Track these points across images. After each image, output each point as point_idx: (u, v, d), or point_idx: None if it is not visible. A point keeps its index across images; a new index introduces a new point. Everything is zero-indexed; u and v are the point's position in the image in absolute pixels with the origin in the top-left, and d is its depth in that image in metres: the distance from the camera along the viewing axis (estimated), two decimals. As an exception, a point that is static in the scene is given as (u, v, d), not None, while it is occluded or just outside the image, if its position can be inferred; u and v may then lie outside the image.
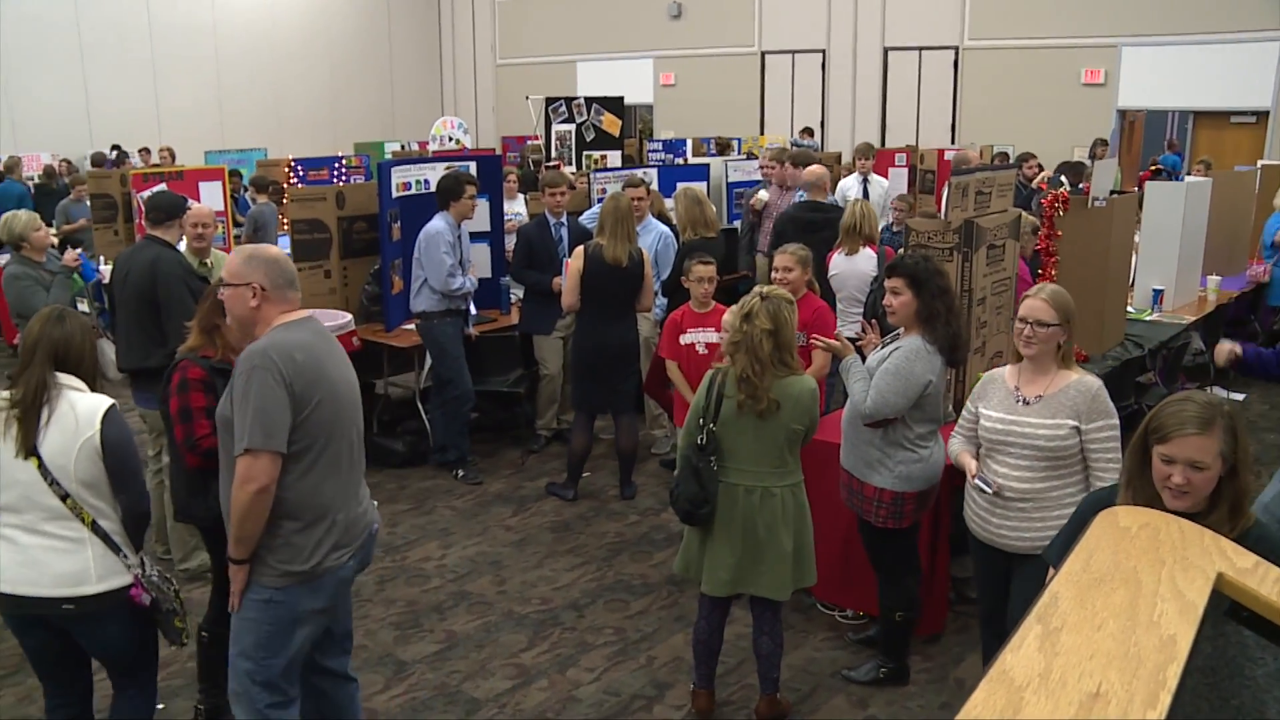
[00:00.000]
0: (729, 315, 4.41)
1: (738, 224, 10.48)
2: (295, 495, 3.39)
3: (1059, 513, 3.78)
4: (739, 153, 17.32)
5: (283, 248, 5.04)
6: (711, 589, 4.34)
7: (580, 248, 6.85)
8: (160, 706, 4.71)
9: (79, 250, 7.05)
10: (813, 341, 4.91)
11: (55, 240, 8.67)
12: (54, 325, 3.68)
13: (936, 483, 4.60)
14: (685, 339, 6.07)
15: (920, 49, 20.44)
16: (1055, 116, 18.22)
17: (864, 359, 4.64)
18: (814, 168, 8.68)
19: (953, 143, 19.13)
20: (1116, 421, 3.84)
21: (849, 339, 4.87)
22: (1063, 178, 10.50)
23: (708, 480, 4.20)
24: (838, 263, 7.25)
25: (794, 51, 21.99)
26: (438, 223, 7.23)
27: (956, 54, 20.03)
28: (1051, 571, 2.49)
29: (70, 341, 3.67)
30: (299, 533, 3.42)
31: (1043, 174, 11.77)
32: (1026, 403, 3.91)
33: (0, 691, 4.86)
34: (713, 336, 5.95)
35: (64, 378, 3.63)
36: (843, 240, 7.26)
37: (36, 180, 16.78)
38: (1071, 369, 3.95)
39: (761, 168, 10.40)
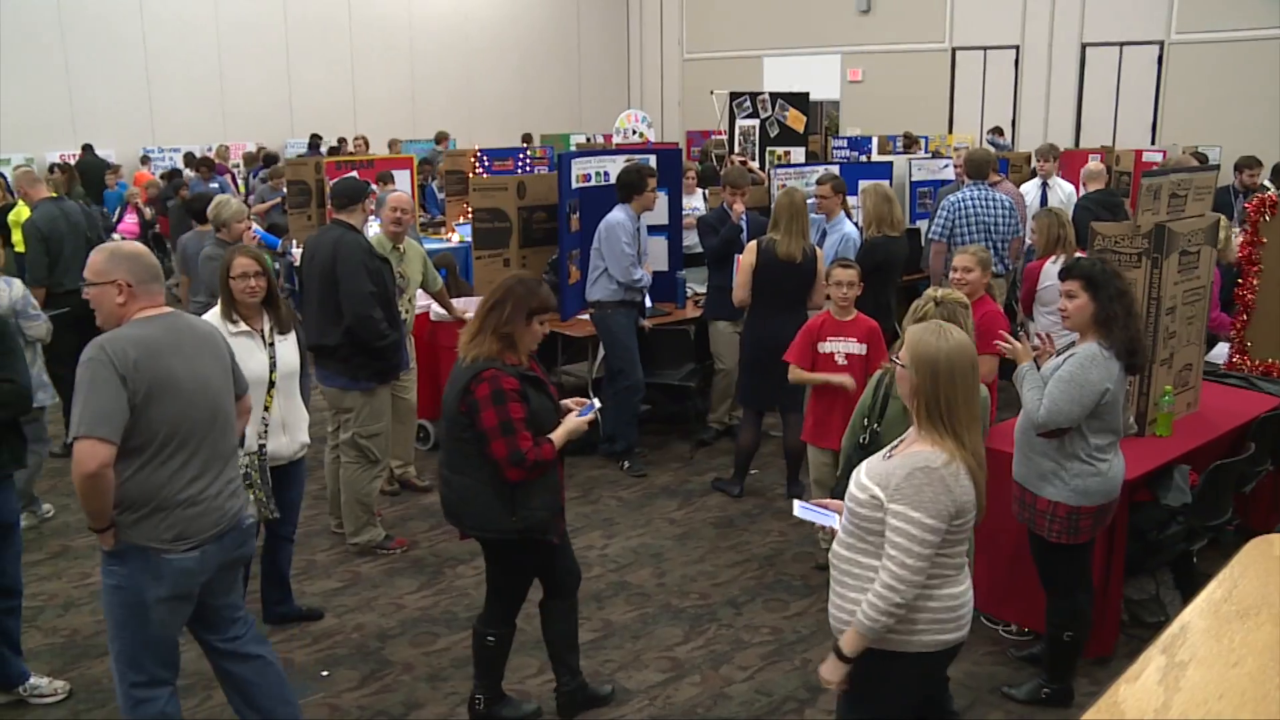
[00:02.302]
0: (905, 319, 4.27)
1: (921, 223, 10.27)
2: (135, 486, 3.52)
3: (856, 595, 3.21)
4: (925, 151, 16.92)
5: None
6: None
7: (753, 243, 6.81)
8: (325, 674, 4.94)
9: (294, 245, 7.35)
10: (995, 342, 4.77)
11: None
12: None
13: (1114, 498, 4.41)
14: (824, 347, 5.86)
15: (1121, 44, 19.58)
16: (1269, 115, 17.16)
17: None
18: (1091, 164, 9.82)
19: (1153, 143, 18.28)
20: (920, 519, 3.06)
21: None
22: (1267, 181, 9.90)
23: None
24: (1049, 272, 6.85)
25: (986, 48, 21.38)
26: (618, 214, 7.31)
27: (1161, 49, 19.12)
28: None
29: None
30: (138, 522, 3.54)
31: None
32: (888, 456, 3.32)
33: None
34: (854, 347, 5.77)
35: None
36: (1050, 249, 6.90)
37: (241, 167, 17.73)
38: (930, 437, 3.19)
39: (956, 167, 10.11)
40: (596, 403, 4.36)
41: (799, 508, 3.62)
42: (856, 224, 8.08)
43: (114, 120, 19.29)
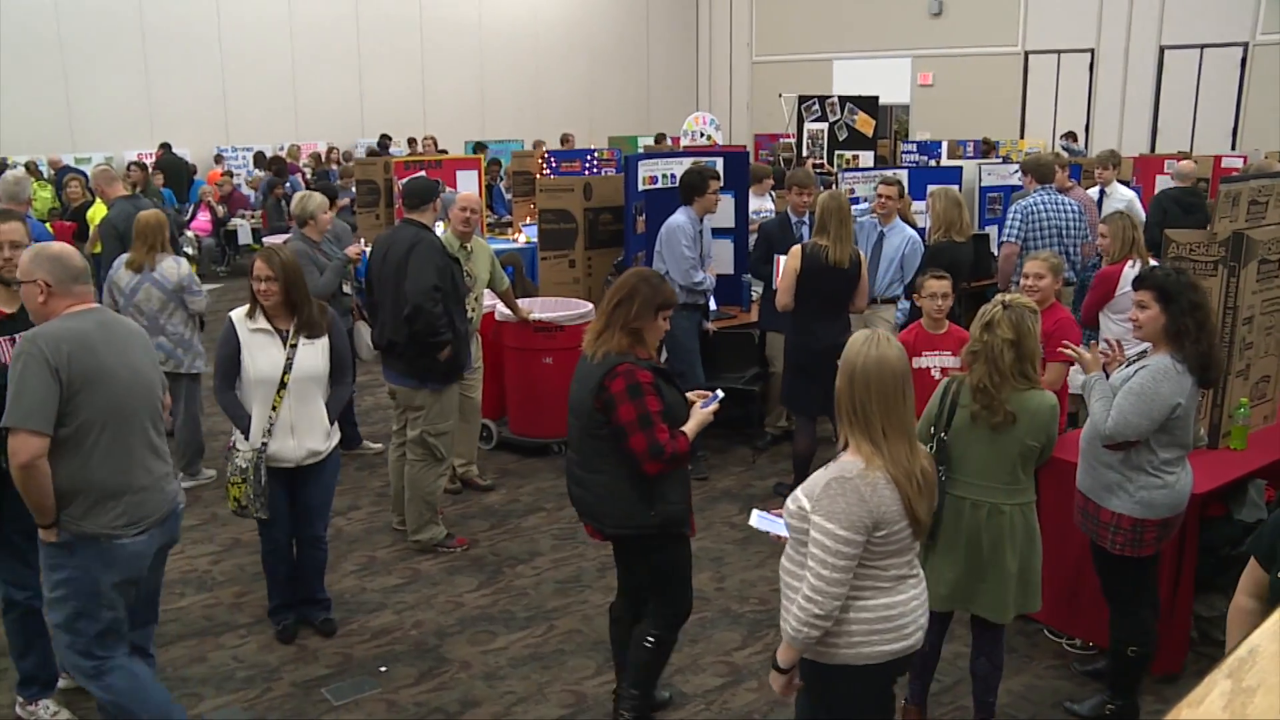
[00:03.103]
0: (973, 324, 4.19)
1: (990, 229, 10.12)
2: (78, 476, 3.65)
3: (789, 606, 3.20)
4: (996, 155, 16.72)
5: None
6: (930, 604, 4.19)
7: (797, 246, 6.70)
8: (384, 669, 4.98)
9: (362, 243, 7.49)
10: (1061, 349, 4.68)
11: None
12: None
13: (1181, 511, 4.30)
14: (920, 363, 5.70)
15: (1201, 46, 19.19)
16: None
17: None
18: (1184, 163, 10.67)
19: (1233, 148, 17.88)
20: (834, 531, 3.04)
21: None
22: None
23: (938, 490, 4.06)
24: (1128, 277, 6.69)
25: (1060, 51, 21.08)
26: (679, 217, 7.29)
27: (1245, 51, 18.70)
28: None
29: None
30: (89, 512, 3.68)
31: None
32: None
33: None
34: (949, 360, 5.62)
35: None
36: (1125, 252, 6.70)
37: (308, 167, 17.99)
38: (852, 445, 3.19)
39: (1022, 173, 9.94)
40: (720, 393, 4.35)
41: (756, 517, 3.62)
42: (921, 229, 7.98)
43: (190, 120, 19.68)
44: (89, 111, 18.61)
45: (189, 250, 15.67)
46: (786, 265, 6.68)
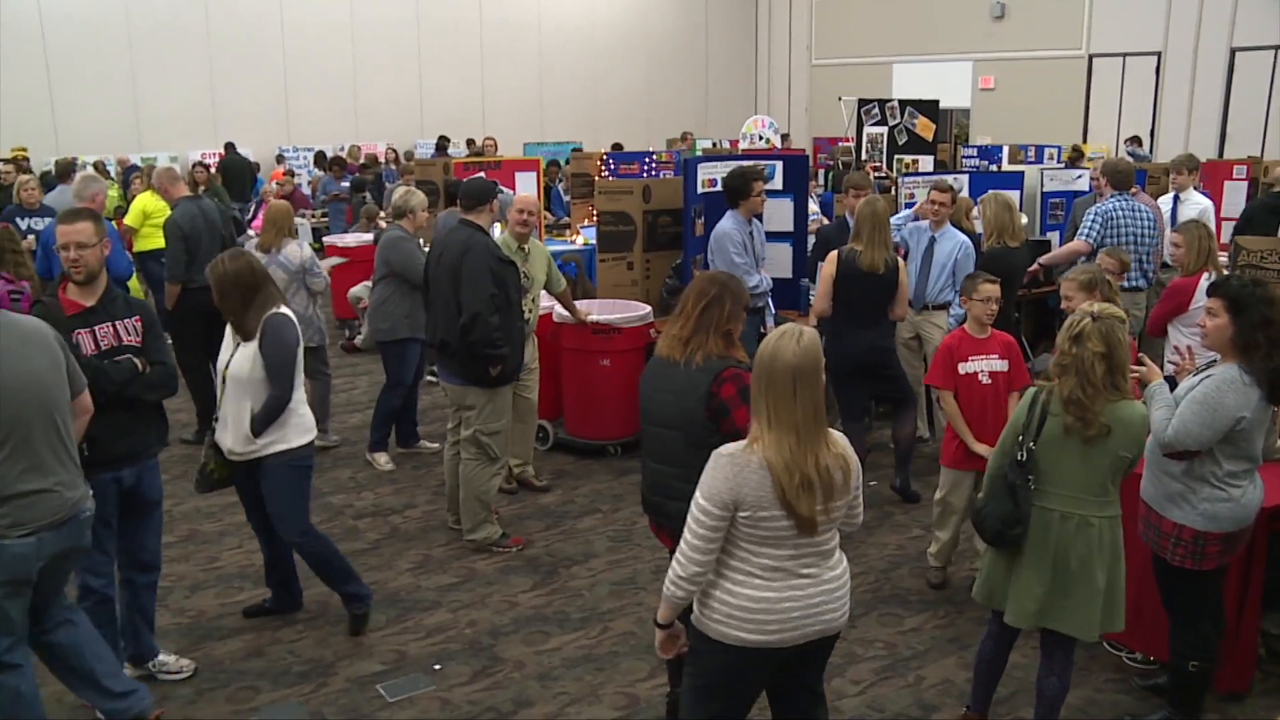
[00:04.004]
0: (1060, 336, 4.11)
1: (1051, 235, 10.00)
2: None
3: None
4: (1059, 161, 16.50)
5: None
6: (1016, 620, 4.11)
7: (834, 252, 6.69)
8: (438, 667, 5.01)
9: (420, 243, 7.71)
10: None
11: (384, 220, 9.39)
12: None
13: (1248, 525, 4.20)
14: (966, 368, 5.62)
15: (1276, 48, 18.78)
16: None
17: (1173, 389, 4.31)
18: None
19: (1305, 153, 17.50)
20: (698, 499, 3.25)
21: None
22: None
23: (1024, 500, 3.98)
24: (1204, 290, 6.53)
25: (1125, 54, 20.76)
26: (726, 223, 7.27)
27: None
28: None
29: None
30: None
31: None
32: None
33: (307, 636, 5.26)
34: (997, 364, 5.57)
35: None
36: (1199, 264, 6.54)
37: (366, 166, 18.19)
38: (750, 433, 3.34)
39: (1093, 178, 9.78)
40: None
41: None
42: (977, 235, 7.90)
43: (253, 120, 19.98)
44: (156, 112, 18.96)
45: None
46: (823, 271, 6.68)
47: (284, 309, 5.01)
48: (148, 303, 6.19)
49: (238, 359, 4.94)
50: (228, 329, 5.06)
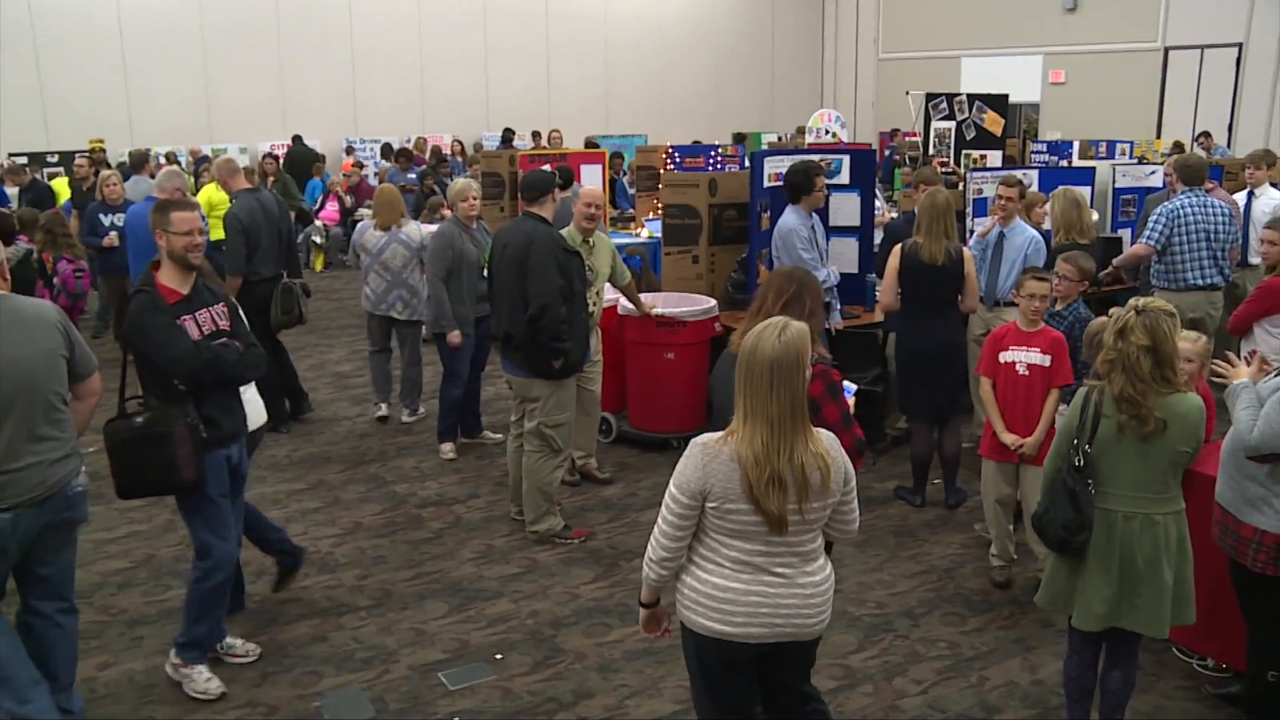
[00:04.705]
0: (1106, 333, 4.04)
1: (1123, 232, 9.81)
2: None
3: None
4: (1131, 156, 16.20)
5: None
6: (1083, 623, 4.05)
7: (898, 246, 6.63)
8: (499, 657, 5.02)
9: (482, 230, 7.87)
10: (1215, 364, 4.50)
11: (447, 210, 9.49)
12: None
13: (1331, 531, 4.10)
14: (1005, 356, 5.60)
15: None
16: None
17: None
18: None
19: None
20: (669, 487, 3.31)
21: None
22: None
23: (1086, 505, 3.92)
24: None
25: (1203, 46, 20.27)
26: (790, 219, 7.22)
27: None
28: None
29: None
30: None
31: None
32: None
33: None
34: (1036, 357, 5.51)
35: None
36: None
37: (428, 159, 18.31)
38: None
39: (1166, 174, 9.57)
40: (854, 386, 4.32)
41: None
42: (1046, 232, 7.78)
43: (321, 113, 20.24)
44: (226, 104, 19.27)
45: (316, 239, 16.10)
46: (888, 265, 6.64)
47: None
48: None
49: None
50: None
